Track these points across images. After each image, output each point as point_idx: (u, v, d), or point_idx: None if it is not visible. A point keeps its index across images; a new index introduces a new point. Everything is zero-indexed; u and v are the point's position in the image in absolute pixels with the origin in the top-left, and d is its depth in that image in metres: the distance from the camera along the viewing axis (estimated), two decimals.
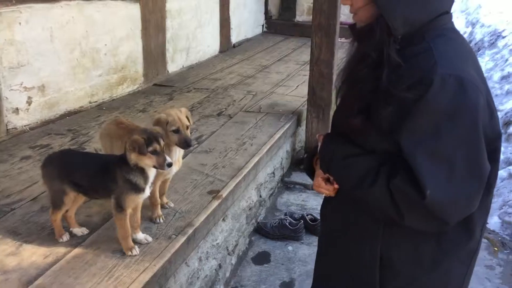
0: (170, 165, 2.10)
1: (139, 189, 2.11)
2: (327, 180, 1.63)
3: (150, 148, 2.04)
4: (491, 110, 1.37)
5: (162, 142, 2.09)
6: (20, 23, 3.63)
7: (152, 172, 2.15)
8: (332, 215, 1.71)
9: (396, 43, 1.35)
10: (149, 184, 2.16)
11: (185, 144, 2.35)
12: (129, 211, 2.15)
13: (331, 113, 4.16)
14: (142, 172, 2.10)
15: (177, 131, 2.33)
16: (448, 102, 1.26)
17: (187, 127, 2.37)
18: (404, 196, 1.32)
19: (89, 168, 2.20)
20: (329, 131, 1.69)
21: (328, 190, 1.64)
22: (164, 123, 2.34)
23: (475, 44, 6.71)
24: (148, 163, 2.07)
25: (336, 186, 1.61)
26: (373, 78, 1.37)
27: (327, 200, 1.74)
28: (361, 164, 1.44)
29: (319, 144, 1.61)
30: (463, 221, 1.38)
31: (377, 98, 1.36)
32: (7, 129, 3.65)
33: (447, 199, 1.29)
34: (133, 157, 2.05)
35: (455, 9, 8.29)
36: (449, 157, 1.28)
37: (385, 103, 1.34)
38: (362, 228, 1.54)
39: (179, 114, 2.38)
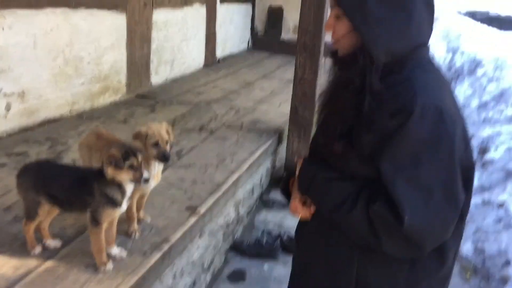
0: (146, 180, 2.09)
1: (116, 203, 2.09)
2: (304, 203, 1.64)
3: (127, 163, 2.02)
4: (466, 141, 1.42)
5: (140, 157, 2.07)
6: (3, 28, 3.59)
7: (129, 187, 2.13)
8: (308, 237, 1.71)
9: (378, 71, 1.38)
10: (127, 198, 2.14)
11: (163, 157, 2.34)
12: (104, 225, 2.12)
13: (313, 133, 4.19)
14: (120, 186, 2.08)
15: (156, 144, 2.32)
16: (428, 131, 1.30)
17: (167, 142, 2.36)
18: (382, 222, 1.35)
19: (66, 181, 2.17)
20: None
21: (305, 213, 1.64)
22: (144, 137, 2.33)
23: (455, 71, 6.86)
24: (124, 177, 2.05)
25: (312, 210, 1.62)
26: (355, 104, 1.40)
27: (302, 222, 1.74)
28: (341, 189, 1.46)
29: (298, 167, 1.62)
30: (437, 247, 1.41)
31: (359, 124, 1.39)
32: None
33: (424, 225, 1.32)
34: (110, 171, 2.03)
35: (437, 36, 8.49)
36: (427, 185, 1.32)
37: (366, 130, 1.37)
38: (338, 252, 1.55)
39: (160, 128, 2.37)
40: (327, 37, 4.35)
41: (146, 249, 2.40)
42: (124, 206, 2.14)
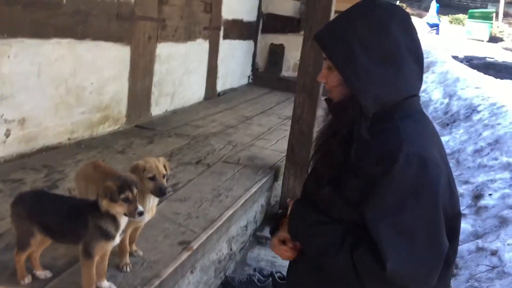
0: (141, 214, 2.09)
1: (109, 236, 2.09)
2: (283, 242, 1.68)
3: (122, 196, 2.03)
4: (451, 189, 1.46)
5: (135, 190, 2.09)
6: (8, 56, 3.66)
7: (123, 220, 2.14)
8: (298, 278, 1.73)
9: (367, 121, 1.44)
10: (120, 231, 2.14)
11: (159, 192, 2.35)
12: (97, 258, 2.12)
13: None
14: (114, 219, 2.08)
15: (153, 178, 2.34)
16: (411, 179, 1.35)
17: (164, 176, 2.38)
18: (365, 267, 1.38)
19: (60, 212, 2.17)
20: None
21: (281, 252, 1.68)
22: (141, 170, 2.35)
23: (451, 115, 6.96)
24: (119, 210, 2.06)
25: (290, 248, 1.66)
26: (343, 152, 1.46)
27: (293, 262, 1.76)
28: (328, 233, 1.49)
29: (289, 209, 1.66)
30: None
31: (346, 170, 1.45)
32: None
33: (407, 272, 1.35)
34: (104, 204, 2.04)
35: (434, 80, 8.63)
36: (410, 232, 1.35)
37: (353, 176, 1.43)
38: None
39: (157, 162, 2.39)
40: None
41: (137, 284, 2.39)
42: (117, 239, 2.14)
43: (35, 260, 2.30)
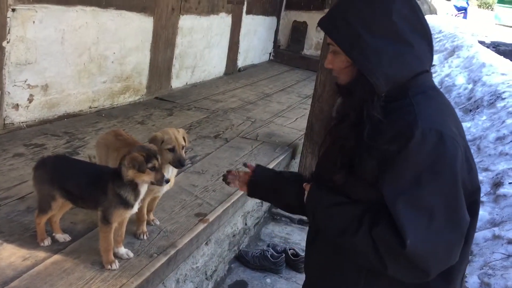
0: (168, 181, 2.14)
1: (128, 205, 2.12)
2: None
3: (149, 165, 2.06)
4: (470, 164, 1.44)
5: (159, 159, 2.11)
6: (34, 22, 3.68)
7: (144, 189, 2.16)
8: (316, 255, 1.72)
9: (381, 100, 1.42)
10: (139, 200, 2.17)
11: (178, 163, 2.36)
12: (114, 224, 2.15)
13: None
14: (135, 188, 2.11)
15: (172, 149, 2.34)
16: (428, 154, 1.33)
17: (183, 147, 2.39)
18: (385, 245, 1.36)
19: (81, 177, 2.20)
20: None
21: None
22: (160, 141, 2.35)
23: (475, 101, 6.82)
24: (146, 179, 2.09)
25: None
26: (354, 135, 1.45)
27: (312, 238, 1.75)
28: (345, 213, 1.48)
29: (305, 193, 1.64)
30: (443, 272, 1.41)
31: (360, 152, 1.43)
32: (4, 124, 3.66)
33: (427, 249, 1.33)
34: (130, 174, 2.06)
35: (458, 65, 8.45)
36: (429, 208, 1.33)
37: (368, 157, 1.41)
38: (344, 274, 1.56)
39: (176, 133, 2.39)
40: None
41: (153, 252, 2.42)
42: (135, 208, 2.17)
43: (55, 224, 2.35)
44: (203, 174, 3.54)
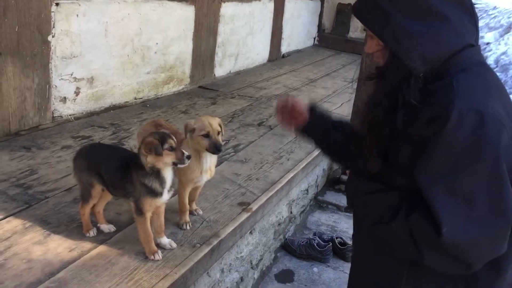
0: (189, 157, 2.06)
1: (155, 193, 2.08)
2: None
3: (166, 146, 2.00)
4: None
5: (174, 138, 2.07)
6: (77, 15, 3.73)
7: (169, 174, 2.10)
8: (360, 244, 1.69)
9: (418, 82, 1.35)
10: (167, 187, 2.11)
11: (214, 148, 2.30)
12: (148, 215, 2.13)
13: None
14: (158, 175, 2.06)
15: (206, 135, 2.30)
16: (467, 137, 1.24)
17: (218, 133, 2.33)
18: (421, 233, 1.30)
19: (112, 164, 2.19)
20: None
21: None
22: (189, 129, 2.31)
23: None
24: (167, 161, 2.03)
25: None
26: (389, 122, 1.39)
27: (357, 226, 1.69)
28: (382, 201, 1.43)
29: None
30: (492, 262, 1.32)
31: (396, 139, 1.37)
32: (53, 117, 3.75)
33: (466, 240, 1.25)
34: (150, 160, 2.02)
35: None
36: (469, 195, 1.25)
37: (404, 144, 1.35)
38: (387, 264, 1.51)
39: (210, 120, 2.34)
40: None
41: (196, 242, 2.41)
42: (165, 196, 2.12)
43: (98, 214, 2.37)
44: (246, 162, 3.50)
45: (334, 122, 1.80)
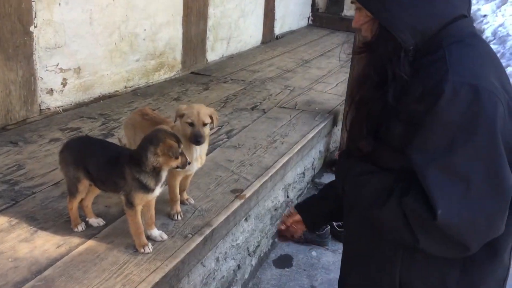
0: (189, 163, 2.10)
1: (148, 189, 2.03)
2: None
3: (180, 150, 2.01)
4: None
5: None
6: (59, 4, 3.62)
7: (165, 173, 2.08)
8: (353, 228, 1.62)
9: (408, 55, 1.28)
10: (160, 184, 2.08)
11: (193, 139, 2.25)
12: (139, 208, 2.07)
13: None
14: (157, 173, 2.02)
15: (191, 124, 2.25)
16: (461, 112, 1.17)
17: (204, 124, 2.27)
18: (415, 216, 1.23)
19: (100, 159, 2.13)
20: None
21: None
22: (179, 114, 2.29)
23: None
24: (173, 164, 2.02)
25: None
26: (378, 98, 1.32)
27: (347, 211, 1.63)
28: (375, 182, 1.36)
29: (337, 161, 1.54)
30: (490, 245, 1.27)
31: (387, 116, 1.31)
32: (40, 109, 3.67)
33: (462, 220, 1.19)
34: (161, 161, 1.98)
35: None
36: (464, 174, 1.18)
37: (396, 121, 1.28)
38: (382, 249, 1.44)
39: (201, 109, 2.28)
40: None
41: (187, 233, 2.35)
42: (157, 191, 2.08)
43: (86, 208, 2.31)
44: (239, 148, 3.42)
45: (321, 194, 1.86)
